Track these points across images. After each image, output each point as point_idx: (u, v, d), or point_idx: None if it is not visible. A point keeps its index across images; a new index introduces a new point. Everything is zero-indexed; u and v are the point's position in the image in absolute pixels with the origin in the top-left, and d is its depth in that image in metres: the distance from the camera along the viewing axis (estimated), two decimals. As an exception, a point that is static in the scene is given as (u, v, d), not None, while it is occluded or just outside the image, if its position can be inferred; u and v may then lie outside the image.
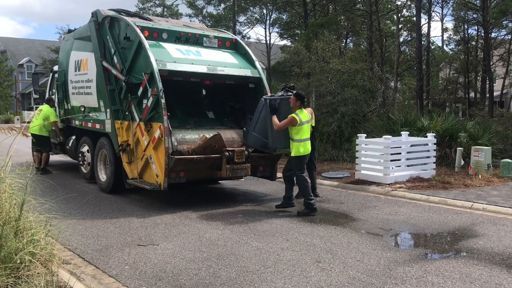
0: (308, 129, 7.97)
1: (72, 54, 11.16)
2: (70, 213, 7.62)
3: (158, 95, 7.82)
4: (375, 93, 16.30)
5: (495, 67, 30.08)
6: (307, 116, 7.89)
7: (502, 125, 15.59)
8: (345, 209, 8.29)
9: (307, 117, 7.88)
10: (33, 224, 4.86)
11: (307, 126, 7.89)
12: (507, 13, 20.08)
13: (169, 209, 8.13)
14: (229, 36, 10.27)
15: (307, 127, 7.90)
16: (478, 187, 9.89)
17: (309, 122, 7.95)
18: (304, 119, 7.79)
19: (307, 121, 7.88)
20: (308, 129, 7.94)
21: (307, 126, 7.89)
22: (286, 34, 35.77)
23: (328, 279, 4.88)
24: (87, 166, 10.66)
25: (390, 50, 28.86)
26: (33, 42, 63.42)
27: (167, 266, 5.27)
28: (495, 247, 6.03)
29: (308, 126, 7.93)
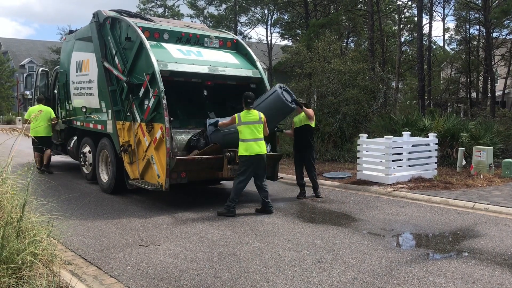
0: (254, 130, 7.74)
1: (74, 55, 11.18)
2: (72, 214, 7.64)
3: (160, 96, 7.83)
4: (377, 93, 16.29)
5: (497, 67, 30.05)
6: (252, 117, 7.77)
7: (504, 125, 15.57)
8: (346, 210, 8.28)
9: (252, 119, 7.77)
10: (34, 224, 4.87)
11: (249, 127, 7.74)
12: (508, 13, 20.06)
13: (171, 210, 8.14)
14: (230, 37, 10.28)
15: (249, 128, 7.74)
16: (480, 187, 9.88)
17: (254, 123, 7.75)
18: (245, 119, 7.75)
19: (251, 122, 7.75)
20: (253, 130, 7.74)
21: (249, 127, 7.74)
22: (287, 34, 35.78)
23: (329, 279, 4.88)
24: (88, 167, 10.67)
25: (392, 50, 28.84)
26: (35, 43, 63.52)
27: (169, 267, 5.27)
28: (497, 247, 6.02)
29: (252, 127, 7.74)
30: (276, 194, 9.75)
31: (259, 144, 7.80)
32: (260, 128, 7.85)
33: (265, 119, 7.92)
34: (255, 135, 7.77)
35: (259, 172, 7.95)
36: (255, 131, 7.78)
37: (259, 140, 7.82)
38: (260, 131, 7.85)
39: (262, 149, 7.82)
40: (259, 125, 7.83)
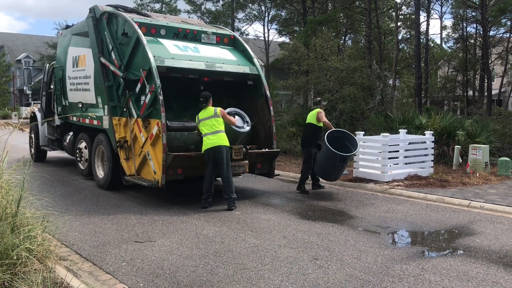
0: (210, 125, 7.97)
1: (70, 50, 11.13)
2: (67, 209, 7.62)
3: (156, 92, 7.80)
4: (374, 91, 16.30)
5: (494, 65, 30.10)
6: (208, 113, 8.06)
7: (500, 123, 15.62)
8: (342, 207, 8.29)
9: (207, 115, 8.06)
10: (30, 220, 4.84)
11: (206, 123, 8.01)
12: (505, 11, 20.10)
13: (167, 206, 8.12)
14: (227, 33, 10.24)
15: (206, 124, 8.00)
16: (475, 185, 9.90)
17: (210, 118, 8.01)
18: (201, 117, 8.10)
19: (206, 118, 8.04)
20: (209, 125, 7.98)
21: (206, 123, 8.01)
22: (284, 31, 35.72)
23: (325, 276, 4.88)
24: (84, 163, 10.63)
25: (389, 47, 28.87)
26: (31, 38, 63.17)
27: (164, 263, 5.26)
28: (492, 245, 6.04)
29: (208, 122, 8.00)
30: (273, 191, 9.75)
31: (217, 135, 7.93)
32: (217, 122, 8.00)
33: (223, 112, 8.16)
34: (212, 128, 7.96)
35: (220, 162, 7.95)
36: (212, 125, 7.98)
37: (218, 132, 7.95)
38: (218, 124, 7.99)
39: (219, 140, 7.90)
40: (216, 118, 8.00)
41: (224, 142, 7.96)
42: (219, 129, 7.98)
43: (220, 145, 7.90)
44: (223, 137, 7.98)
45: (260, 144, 9.39)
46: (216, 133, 7.94)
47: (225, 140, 7.99)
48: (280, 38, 38.00)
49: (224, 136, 8.01)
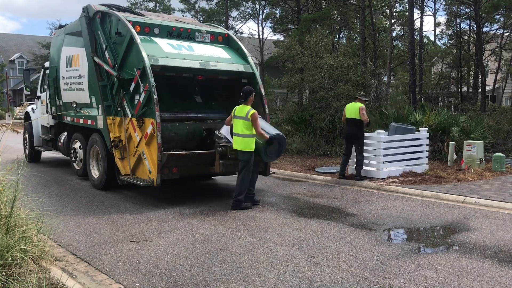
0: (237, 125, 7.88)
1: (63, 50, 11.07)
2: (62, 210, 7.59)
3: (151, 91, 7.78)
4: (368, 88, 16.29)
5: (487, 62, 30.21)
6: (241, 113, 7.88)
7: (494, 119, 15.69)
8: (338, 204, 8.30)
9: (239, 114, 7.89)
10: (24, 221, 4.82)
11: (236, 121, 7.91)
12: (499, 8, 20.17)
13: (162, 205, 8.11)
14: (221, 31, 10.22)
15: (235, 123, 7.92)
16: (470, 181, 9.94)
17: (239, 119, 7.85)
18: (235, 114, 7.95)
19: (238, 117, 7.90)
20: (237, 125, 7.89)
21: (236, 121, 7.91)
22: (279, 29, 35.67)
23: (321, 274, 4.89)
24: (79, 163, 10.59)
25: (383, 45, 28.89)
26: (24, 38, 62.82)
27: (161, 262, 5.25)
28: (487, 240, 6.06)
29: (237, 122, 7.88)
30: (268, 189, 9.75)
31: (240, 139, 7.82)
32: (244, 125, 7.77)
33: (255, 117, 7.75)
34: (238, 130, 7.84)
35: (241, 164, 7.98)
36: (239, 127, 7.83)
37: (240, 136, 7.81)
38: (245, 128, 7.77)
39: (241, 144, 7.81)
40: (244, 121, 7.77)
41: (239, 147, 7.85)
42: (243, 133, 7.79)
43: (237, 149, 7.90)
44: (239, 141, 7.84)
45: (255, 142, 9.37)
46: (239, 136, 7.85)
47: (246, 145, 7.81)
48: (274, 36, 37.96)
49: (245, 141, 7.80)
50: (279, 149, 8.27)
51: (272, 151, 8.21)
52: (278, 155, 8.43)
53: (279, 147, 8.25)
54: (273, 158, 8.60)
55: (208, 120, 9.40)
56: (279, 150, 8.28)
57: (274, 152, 8.26)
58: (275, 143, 8.17)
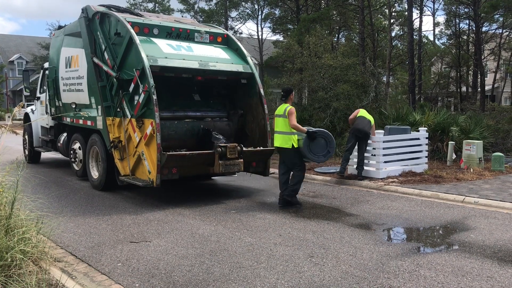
0: (277, 123, 8.08)
1: (63, 51, 11.07)
2: (62, 211, 7.59)
3: (150, 91, 7.78)
4: (367, 88, 16.31)
5: (487, 61, 30.25)
6: (278, 111, 8.11)
7: (493, 119, 15.72)
8: (337, 204, 8.30)
9: (278, 112, 8.12)
10: (24, 222, 4.82)
11: (275, 119, 8.10)
12: (498, 7, 20.19)
13: (162, 206, 8.11)
14: (221, 31, 10.23)
15: (275, 121, 8.12)
16: (469, 180, 9.95)
17: (278, 117, 8.06)
18: (276, 113, 8.17)
19: (277, 115, 8.11)
20: (276, 123, 8.09)
21: (275, 119, 8.10)
22: (278, 29, 35.69)
23: (321, 274, 4.89)
24: (79, 163, 10.59)
25: (382, 44, 28.91)
26: (23, 39, 62.76)
27: (160, 263, 5.25)
28: (486, 240, 6.07)
29: (276, 120, 8.08)
30: (268, 189, 9.75)
31: (278, 136, 8.08)
32: (284, 122, 7.94)
33: (291, 112, 7.85)
34: (277, 127, 8.09)
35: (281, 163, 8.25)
36: (278, 124, 8.07)
37: (279, 133, 8.07)
38: (280, 125, 8.01)
39: (278, 141, 8.06)
40: (283, 118, 7.96)
41: (279, 144, 8.04)
42: (283, 130, 7.98)
43: (278, 146, 8.11)
44: (279, 138, 8.04)
45: (255, 142, 9.39)
46: (279, 133, 8.06)
47: (285, 141, 7.95)
48: (273, 36, 38.10)
49: (284, 137, 7.97)
50: (326, 147, 7.98)
51: (317, 149, 7.93)
52: (326, 154, 8.05)
53: (326, 145, 7.99)
54: (320, 158, 8.09)
55: (207, 118, 9.45)
56: (326, 148, 7.99)
57: (321, 150, 7.96)
58: (320, 140, 7.94)
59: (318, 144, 7.92)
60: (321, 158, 8.10)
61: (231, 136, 9.57)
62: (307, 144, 7.86)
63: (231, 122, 9.75)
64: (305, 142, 7.85)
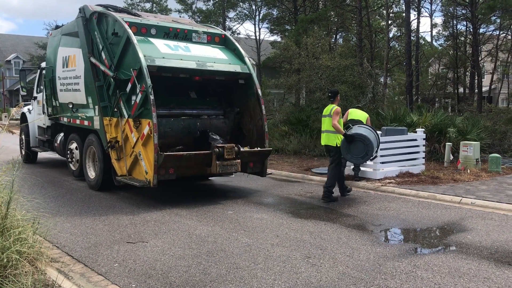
0: (323, 123, 8.71)
1: (60, 50, 11.05)
2: (58, 211, 7.57)
3: (147, 91, 7.76)
4: (365, 89, 16.33)
5: (484, 63, 30.31)
6: (325, 111, 8.75)
7: (490, 120, 15.73)
8: (334, 205, 8.30)
9: (324, 112, 8.77)
10: (20, 222, 4.80)
11: (322, 120, 8.76)
12: (495, 9, 20.22)
13: (159, 206, 8.09)
14: (218, 32, 10.22)
15: (322, 121, 8.77)
16: (466, 181, 9.96)
17: (325, 117, 8.67)
18: (323, 112, 8.85)
19: (323, 115, 8.76)
20: (323, 122, 8.73)
21: (322, 120, 8.76)
22: (276, 29, 35.70)
23: (318, 274, 4.89)
24: (75, 163, 10.57)
25: (380, 45, 28.93)
26: (20, 38, 62.58)
27: (157, 264, 5.24)
28: (483, 241, 6.07)
29: (323, 120, 8.72)
30: (265, 190, 9.75)
31: (324, 135, 8.69)
32: (329, 121, 8.51)
33: (336, 112, 8.41)
34: (324, 127, 8.69)
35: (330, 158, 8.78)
36: (325, 124, 8.66)
37: (323, 132, 8.70)
38: (326, 124, 8.61)
39: (324, 139, 8.69)
40: (329, 118, 8.54)
41: (326, 142, 8.63)
42: (328, 129, 8.57)
43: (326, 145, 8.69)
44: (326, 137, 8.64)
45: (252, 143, 9.39)
46: (325, 132, 8.67)
47: (330, 140, 8.55)
48: (271, 37, 38.14)
49: (329, 136, 8.57)
50: (364, 150, 8.28)
51: (355, 151, 8.34)
52: (364, 157, 8.40)
53: (364, 148, 8.27)
54: (358, 160, 8.63)
55: (203, 116, 9.46)
56: (365, 152, 8.30)
57: (359, 152, 8.32)
58: (358, 143, 8.29)
59: (356, 146, 8.34)
60: (358, 160, 8.66)
61: (227, 134, 9.59)
62: (345, 145, 8.39)
63: (227, 120, 9.76)
64: (343, 143, 8.42)
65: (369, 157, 8.53)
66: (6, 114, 41.81)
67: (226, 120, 9.75)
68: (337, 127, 8.37)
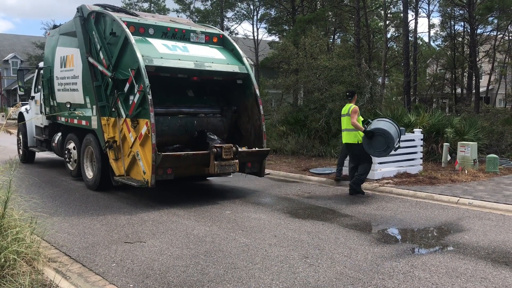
0: (342, 122, 9.19)
1: (58, 50, 11.03)
2: (56, 211, 7.56)
3: (145, 91, 7.76)
4: (363, 89, 16.34)
5: (481, 63, 30.35)
6: (343, 110, 9.25)
7: (487, 120, 15.77)
8: (332, 205, 8.31)
9: (342, 111, 9.27)
10: (17, 222, 4.80)
11: (342, 119, 9.22)
12: (492, 10, 20.27)
13: (157, 206, 8.09)
14: (216, 32, 10.22)
15: (341, 119, 9.25)
16: (464, 182, 9.98)
17: (343, 116, 9.17)
18: (342, 111, 9.33)
19: (342, 114, 9.24)
20: (342, 121, 9.21)
21: (342, 119, 9.22)
22: (274, 30, 35.73)
23: (315, 275, 4.89)
24: (73, 163, 10.55)
25: (378, 46, 28.98)
26: (18, 38, 62.46)
27: (155, 264, 5.24)
28: (480, 241, 6.09)
29: (342, 119, 9.21)
30: (263, 190, 9.75)
31: (345, 133, 9.14)
32: (348, 120, 8.96)
33: (354, 111, 8.87)
34: (343, 126, 9.17)
35: (350, 157, 9.38)
36: (344, 123, 9.14)
37: (343, 131, 9.17)
38: (346, 123, 9.06)
39: (345, 138, 9.16)
40: (347, 117, 9.00)
41: (346, 140, 9.11)
42: (348, 127, 9.03)
43: (346, 143, 9.16)
44: (345, 135, 9.12)
45: (250, 143, 9.39)
46: (344, 130, 9.15)
47: (351, 137, 9.01)
48: (269, 37, 38.08)
49: (350, 134, 9.02)
50: (386, 144, 8.65)
51: (377, 145, 8.71)
52: (386, 149, 8.76)
53: (385, 142, 8.64)
54: (381, 153, 8.98)
55: (200, 114, 9.46)
56: (386, 145, 8.66)
57: (381, 146, 8.70)
58: (379, 137, 8.68)
59: (377, 140, 8.72)
60: (382, 153, 9.00)
61: (224, 132, 9.61)
62: (367, 142, 8.79)
63: (225, 118, 9.78)
64: (364, 140, 8.84)
65: (391, 149, 8.84)
66: (4, 113, 41.72)
67: (223, 119, 9.77)
68: (356, 124, 8.81)
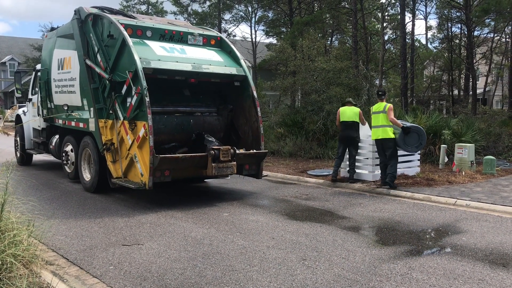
0: (376, 119, 9.52)
1: (55, 52, 11.02)
2: (54, 213, 7.55)
3: (143, 93, 7.76)
4: (360, 91, 16.37)
5: (478, 65, 30.46)
6: (377, 108, 9.57)
7: (485, 122, 15.81)
8: (330, 207, 8.31)
9: (376, 109, 9.59)
10: (15, 224, 4.79)
11: (374, 116, 9.56)
12: (489, 12, 20.35)
13: (154, 208, 8.08)
14: (214, 34, 10.23)
15: (373, 117, 9.59)
16: (461, 183, 10.00)
17: (377, 114, 9.50)
18: (373, 110, 9.67)
19: (375, 112, 9.58)
20: (375, 118, 9.54)
21: (374, 116, 9.56)
22: (271, 32, 35.76)
23: (313, 277, 4.89)
24: (71, 166, 10.53)
25: (375, 48, 29.05)
26: (16, 40, 62.36)
27: (152, 266, 5.23)
28: (478, 243, 6.10)
29: (375, 116, 9.53)
30: (261, 192, 9.75)
31: (381, 129, 9.40)
32: (384, 117, 9.34)
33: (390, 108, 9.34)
34: (377, 122, 9.46)
35: (381, 153, 9.57)
36: (378, 120, 9.45)
37: (377, 127, 9.46)
38: (380, 120, 9.40)
39: (378, 134, 9.46)
40: (383, 114, 9.35)
41: (386, 135, 9.36)
42: (383, 124, 9.37)
43: (379, 138, 9.45)
44: (381, 131, 9.41)
45: (248, 145, 9.39)
46: (379, 127, 9.44)
47: (386, 133, 9.35)
48: (267, 39, 38.07)
49: (385, 130, 9.35)
50: (418, 141, 9.46)
51: (411, 141, 9.40)
52: (418, 146, 9.56)
53: (419, 138, 9.44)
54: (413, 149, 9.64)
55: (197, 113, 9.48)
56: (419, 141, 9.47)
57: (414, 143, 9.43)
58: (413, 134, 9.38)
59: (411, 137, 9.41)
60: (414, 149, 9.67)
61: (220, 131, 9.64)
62: (402, 137, 9.31)
63: (221, 117, 9.79)
64: (400, 135, 9.29)
65: (422, 146, 9.61)
66: (1, 116, 41.63)
67: (219, 118, 9.78)
68: (395, 121, 9.33)
